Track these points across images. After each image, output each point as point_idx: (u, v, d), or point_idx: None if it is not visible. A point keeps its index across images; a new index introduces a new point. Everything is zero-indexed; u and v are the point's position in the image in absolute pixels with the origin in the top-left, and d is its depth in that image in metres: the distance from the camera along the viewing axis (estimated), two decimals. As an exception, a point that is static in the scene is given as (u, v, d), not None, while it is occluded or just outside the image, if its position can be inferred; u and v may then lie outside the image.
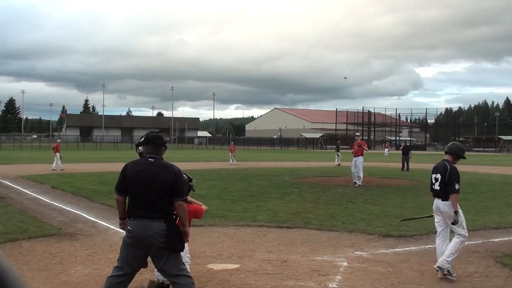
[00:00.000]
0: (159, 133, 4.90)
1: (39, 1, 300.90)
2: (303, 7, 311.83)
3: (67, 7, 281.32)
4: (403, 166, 27.83)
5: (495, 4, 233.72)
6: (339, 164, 32.43)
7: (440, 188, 6.78)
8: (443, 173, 6.75)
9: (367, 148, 20.31)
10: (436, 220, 6.91)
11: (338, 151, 35.23)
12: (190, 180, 5.49)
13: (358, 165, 18.20)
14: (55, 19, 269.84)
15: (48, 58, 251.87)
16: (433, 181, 6.95)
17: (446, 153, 7.08)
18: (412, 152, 31.40)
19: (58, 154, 26.22)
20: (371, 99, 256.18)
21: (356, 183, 18.04)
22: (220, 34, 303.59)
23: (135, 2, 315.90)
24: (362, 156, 18.59)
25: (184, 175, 5.43)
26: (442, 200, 6.72)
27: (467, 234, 6.71)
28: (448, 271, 6.38)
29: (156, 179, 4.50)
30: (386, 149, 59.47)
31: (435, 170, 6.98)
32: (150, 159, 4.65)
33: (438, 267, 6.47)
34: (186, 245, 5.22)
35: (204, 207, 5.69)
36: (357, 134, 21.71)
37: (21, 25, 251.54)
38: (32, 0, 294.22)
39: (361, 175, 18.24)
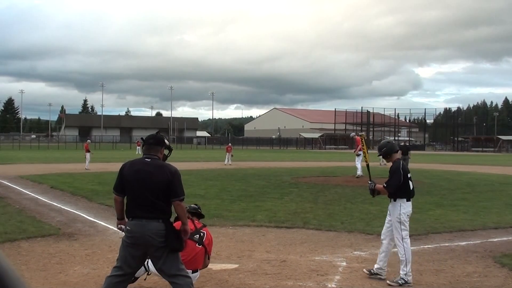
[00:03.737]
0: (156, 133, 4.89)
1: (42, 1, 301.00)
2: (304, 8, 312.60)
3: (69, 8, 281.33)
4: (403, 166, 27.92)
5: (495, 5, 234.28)
6: (385, 164, 33.00)
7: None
8: None
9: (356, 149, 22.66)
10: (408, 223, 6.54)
11: None
12: (199, 208, 6.22)
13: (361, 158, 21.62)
14: (56, 20, 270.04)
15: (48, 58, 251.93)
16: (410, 182, 6.49)
17: (397, 151, 6.77)
18: (412, 152, 31.43)
19: (88, 154, 27.05)
20: (370, 99, 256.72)
21: (359, 176, 20.69)
22: (221, 35, 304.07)
23: (137, 3, 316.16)
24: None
25: (195, 205, 6.16)
26: None
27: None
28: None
29: (152, 179, 4.50)
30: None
31: (407, 170, 6.57)
32: (146, 159, 4.65)
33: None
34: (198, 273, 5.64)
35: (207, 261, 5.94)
36: (353, 134, 26.35)
37: (23, 25, 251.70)
38: (35, 0, 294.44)
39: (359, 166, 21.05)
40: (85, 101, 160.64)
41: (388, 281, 6.24)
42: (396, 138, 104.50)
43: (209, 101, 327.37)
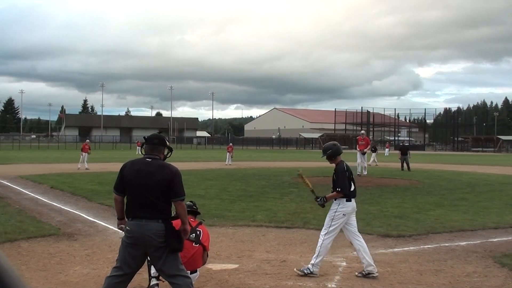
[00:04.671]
0: (158, 133, 4.89)
1: (42, 2, 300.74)
2: (305, 8, 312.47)
3: (69, 8, 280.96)
4: (402, 166, 27.87)
5: (496, 5, 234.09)
6: (376, 165, 32.78)
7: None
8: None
9: (366, 149, 23.38)
10: (355, 220, 6.71)
11: (375, 151, 35.12)
12: (195, 204, 6.23)
13: (363, 156, 22.46)
14: (56, 20, 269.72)
15: (49, 58, 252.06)
16: (351, 182, 6.67)
17: (341, 154, 6.93)
18: (411, 152, 31.40)
19: (85, 154, 27.21)
20: (370, 99, 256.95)
21: (359, 174, 21.16)
22: (222, 35, 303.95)
23: (137, 3, 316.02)
24: (366, 149, 22.95)
25: (190, 202, 6.09)
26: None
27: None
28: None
29: (153, 179, 4.49)
30: (387, 149, 59.47)
31: (349, 170, 6.73)
32: (147, 159, 4.64)
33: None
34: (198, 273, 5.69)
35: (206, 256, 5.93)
36: (362, 131, 27.72)
37: (23, 25, 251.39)
38: (36, 0, 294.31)
39: (365, 164, 22.64)
40: (85, 101, 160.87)
41: (295, 269, 6.48)
42: (396, 138, 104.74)
43: (209, 101, 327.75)
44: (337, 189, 6.63)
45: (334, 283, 6.16)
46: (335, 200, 6.66)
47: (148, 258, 5.30)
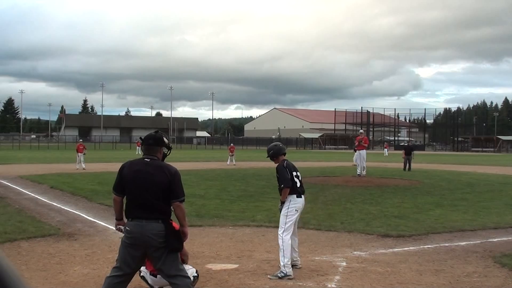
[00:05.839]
0: (155, 133, 4.86)
1: (43, 2, 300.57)
2: (305, 8, 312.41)
3: (70, 8, 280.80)
4: (405, 166, 27.79)
5: (496, 5, 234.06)
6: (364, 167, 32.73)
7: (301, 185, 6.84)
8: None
9: (365, 145, 23.14)
10: (297, 218, 6.80)
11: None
12: None
13: (362, 156, 21.74)
14: (57, 20, 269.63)
15: (49, 58, 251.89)
16: (296, 179, 6.78)
17: (284, 154, 7.07)
18: (415, 152, 31.27)
19: (81, 154, 27.24)
20: (370, 99, 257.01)
21: (359, 174, 21.21)
22: (223, 35, 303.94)
23: (138, 3, 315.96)
24: (365, 149, 22.41)
25: None
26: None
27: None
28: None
29: (152, 180, 4.49)
30: (386, 149, 59.49)
31: (293, 169, 6.85)
32: (146, 160, 4.63)
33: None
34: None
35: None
36: (361, 131, 27.07)
37: (24, 25, 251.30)
38: (37, 0, 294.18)
39: (364, 165, 21.89)
40: (85, 101, 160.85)
41: (268, 276, 6.42)
42: (396, 138, 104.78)
43: (209, 101, 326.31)
44: (281, 185, 6.74)
45: (334, 283, 6.16)
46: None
47: (141, 274, 5.27)
